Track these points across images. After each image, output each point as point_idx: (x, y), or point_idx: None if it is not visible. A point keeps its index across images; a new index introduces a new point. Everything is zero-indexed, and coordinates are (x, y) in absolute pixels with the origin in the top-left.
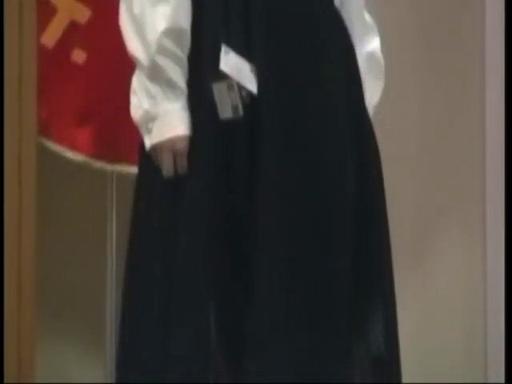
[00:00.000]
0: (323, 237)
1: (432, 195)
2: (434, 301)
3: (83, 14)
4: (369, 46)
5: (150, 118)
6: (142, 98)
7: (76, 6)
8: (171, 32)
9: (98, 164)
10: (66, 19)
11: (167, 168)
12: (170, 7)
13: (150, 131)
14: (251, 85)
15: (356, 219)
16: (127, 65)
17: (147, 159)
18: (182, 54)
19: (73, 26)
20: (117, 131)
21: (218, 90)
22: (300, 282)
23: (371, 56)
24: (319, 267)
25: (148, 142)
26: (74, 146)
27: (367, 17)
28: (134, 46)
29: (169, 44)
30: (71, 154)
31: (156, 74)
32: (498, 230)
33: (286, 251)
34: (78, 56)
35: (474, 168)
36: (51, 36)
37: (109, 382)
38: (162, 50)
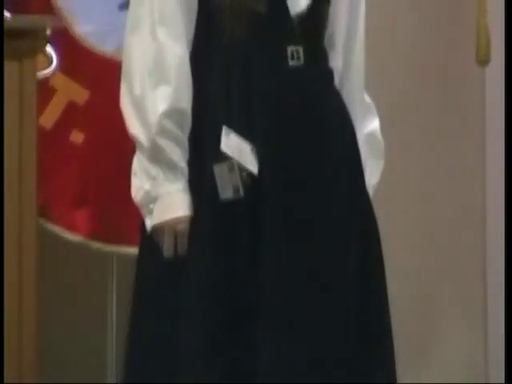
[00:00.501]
0: (326, 320)
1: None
2: None
3: (81, 95)
4: (369, 126)
5: (151, 199)
6: (142, 179)
7: (74, 88)
8: (172, 113)
9: (96, 245)
10: (65, 100)
11: (168, 248)
12: (170, 88)
13: (151, 212)
14: (252, 166)
15: (358, 301)
16: (125, 145)
17: (148, 239)
18: (183, 135)
19: (71, 107)
20: (115, 212)
21: (219, 171)
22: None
23: (371, 137)
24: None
25: (149, 222)
26: (72, 227)
27: (367, 98)
28: (135, 128)
29: (169, 125)
30: (69, 235)
31: (157, 155)
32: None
33: (291, 337)
34: (77, 137)
35: (475, 240)
36: (49, 117)
37: None
38: (162, 131)
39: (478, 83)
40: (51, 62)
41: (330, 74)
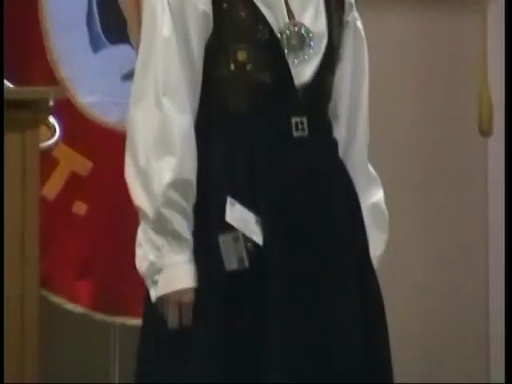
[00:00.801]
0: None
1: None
2: None
3: (84, 166)
4: (373, 197)
5: (156, 270)
6: (147, 250)
7: (77, 159)
8: (177, 184)
9: (99, 316)
10: (68, 171)
11: (173, 320)
12: (175, 159)
13: (155, 283)
14: (257, 236)
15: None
16: (129, 216)
17: (152, 310)
18: (188, 206)
19: (74, 178)
20: (117, 284)
21: (224, 241)
22: None
23: (375, 208)
24: None
25: (154, 293)
26: (74, 299)
27: (371, 169)
28: (140, 198)
29: (174, 196)
30: (71, 306)
31: (162, 226)
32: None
33: None
34: (79, 208)
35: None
36: (52, 188)
37: None
38: (167, 202)
39: (480, 154)
40: (54, 132)
41: (334, 144)
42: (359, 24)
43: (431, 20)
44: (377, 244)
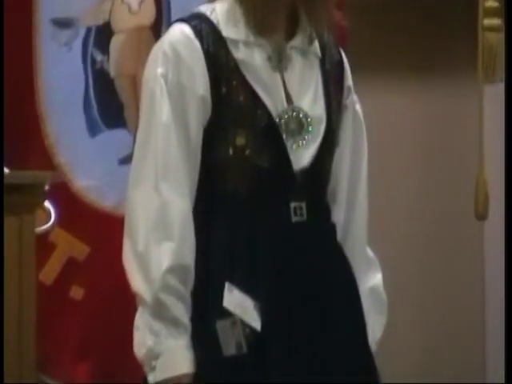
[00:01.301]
0: None
1: None
2: None
3: (82, 251)
4: (371, 281)
5: (154, 355)
6: (145, 335)
7: (74, 243)
8: (175, 269)
9: None
10: (65, 256)
11: None
12: (174, 244)
13: (153, 369)
14: (255, 322)
15: None
16: (126, 301)
17: None
18: (186, 291)
19: (71, 263)
20: (115, 368)
21: (222, 327)
22: None
23: (374, 292)
24: None
25: (152, 379)
26: (72, 382)
27: (369, 252)
28: (138, 283)
29: (173, 281)
30: None
31: (160, 312)
32: None
33: None
34: (77, 292)
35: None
36: (50, 273)
37: None
38: (165, 287)
39: (476, 236)
40: (50, 217)
41: (332, 229)
42: (358, 107)
43: (428, 103)
44: (376, 327)
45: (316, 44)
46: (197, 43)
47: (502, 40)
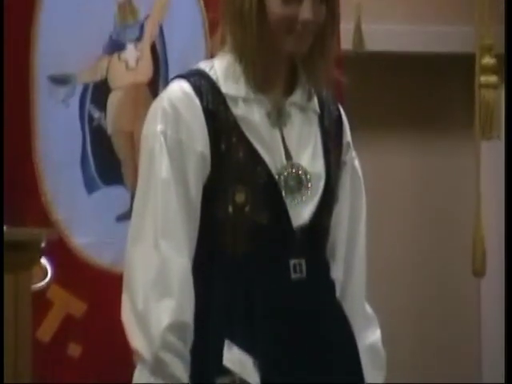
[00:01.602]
0: None
1: None
2: None
3: (79, 308)
4: (370, 338)
5: None
6: None
7: (72, 300)
8: (175, 327)
9: None
10: (62, 313)
11: None
12: (174, 301)
13: None
14: (254, 380)
15: None
16: (124, 358)
17: None
18: (185, 349)
19: (68, 320)
20: None
21: None
22: None
23: (373, 348)
24: None
25: None
26: None
27: (368, 308)
28: (137, 341)
29: (173, 339)
30: None
31: (159, 369)
32: None
33: None
34: (74, 350)
35: None
36: (47, 331)
37: None
38: (165, 345)
39: (473, 294)
40: (46, 274)
41: (331, 285)
42: (357, 163)
43: (426, 159)
44: (374, 381)
45: (315, 100)
46: (196, 100)
47: (499, 97)
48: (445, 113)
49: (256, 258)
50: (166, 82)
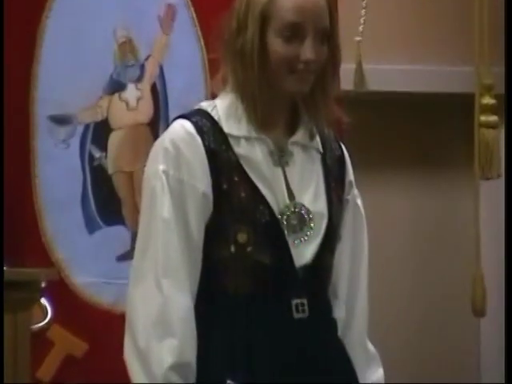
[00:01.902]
0: None
1: None
2: None
3: (80, 348)
4: (373, 377)
5: None
6: None
7: (72, 340)
8: (177, 367)
9: None
10: (63, 353)
11: None
12: (176, 341)
13: None
14: None
15: None
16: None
17: None
18: None
19: (69, 360)
20: None
21: None
22: None
23: None
24: None
25: None
26: None
27: (370, 346)
28: (139, 381)
29: (175, 378)
30: None
31: None
32: None
33: None
34: None
35: None
36: (48, 370)
37: None
38: None
39: (473, 334)
40: (46, 314)
41: (333, 325)
42: (359, 202)
43: (426, 198)
44: None
45: (317, 139)
46: (198, 139)
47: (499, 136)
48: (445, 152)
49: (258, 298)
50: (167, 122)
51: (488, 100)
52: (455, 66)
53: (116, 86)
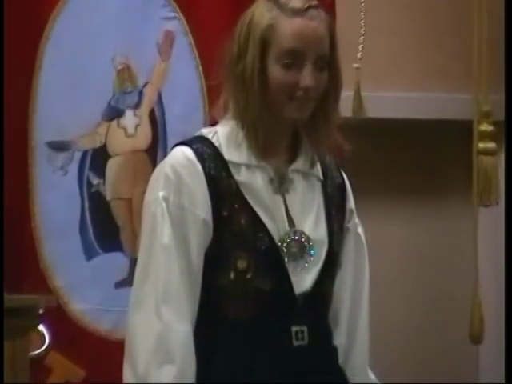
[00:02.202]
0: None
1: None
2: None
3: (78, 375)
4: None
5: None
6: None
7: (71, 367)
8: None
9: None
10: (61, 380)
11: None
12: (175, 367)
13: None
14: None
15: None
16: None
17: None
18: None
19: None
20: None
21: None
22: None
23: None
24: None
25: None
26: None
27: (371, 374)
28: None
29: None
30: None
31: None
32: None
33: None
34: None
35: None
36: None
37: None
38: None
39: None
40: (44, 340)
41: (334, 352)
42: (360, 230)
43: (424, 224)
44: None
45: (318, 167)
46: (198, 166)
47: (497, 163)
48: (444, 178)
49: (258, 325)
50: (165, 149)
51: (486, 127)
52: (453, 92)
53: (114, 113)
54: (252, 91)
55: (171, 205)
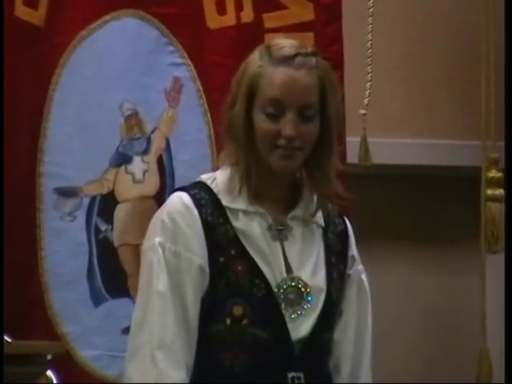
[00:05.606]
0: None
1: None
2: None
3: None
4: None
5: None
6: None
7: None
8: None
9: None
10: None
11: None
12: None
13: None
14: None
15: None
16: None
17: None
18: None
19: None
20: None
21: None
22: None
23: None
24: None
25: None
26: None
27: None
28: None
29: None
30: None
31: None
32: None
33: None
34: None
35: None
36: None
37: None
38: None
39: None
40: None
41: None
42: (364, 277)
43: (431, 272)
44: None
45: (319, 214)
46: (195, 212)
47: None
48: (451, 225)
49: (254, 371)
50: None
51: (494, 173)
52: (461, 139)
53: (122, 159)
54: (240, 140)
55: (167, 251)
